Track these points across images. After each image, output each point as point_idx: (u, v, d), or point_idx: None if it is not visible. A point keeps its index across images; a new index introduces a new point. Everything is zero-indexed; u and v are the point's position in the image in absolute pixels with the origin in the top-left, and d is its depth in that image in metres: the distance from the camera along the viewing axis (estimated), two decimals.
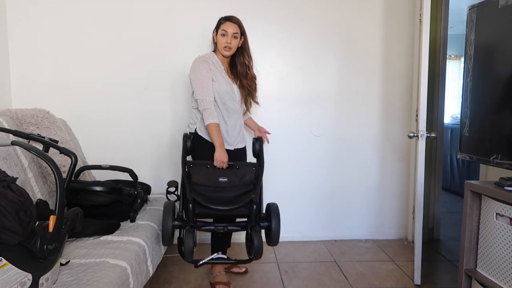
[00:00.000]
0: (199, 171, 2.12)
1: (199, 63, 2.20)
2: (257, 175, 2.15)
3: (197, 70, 2.18)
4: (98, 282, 1.36)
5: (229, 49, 2.21)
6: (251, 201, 2.03)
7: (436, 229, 3.11)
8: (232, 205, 2.02)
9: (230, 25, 2.20)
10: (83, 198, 1.99)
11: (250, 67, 2.33)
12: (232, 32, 2.19)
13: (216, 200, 2.05)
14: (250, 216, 2.06)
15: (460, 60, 6.51)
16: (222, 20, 2.24)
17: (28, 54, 2.77)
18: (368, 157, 3.06)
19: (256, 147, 2.28)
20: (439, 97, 2.99)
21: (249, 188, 2.12)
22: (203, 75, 2.17)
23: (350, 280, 2.39)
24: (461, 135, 2.00)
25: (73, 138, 2.62)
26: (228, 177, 2.11)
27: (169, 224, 2.00)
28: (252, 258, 2.03)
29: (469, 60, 1.96)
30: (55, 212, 1.22)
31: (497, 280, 1.71)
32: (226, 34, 2.19)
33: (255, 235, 1.99)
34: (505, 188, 1.64)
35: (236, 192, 2.10)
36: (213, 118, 2.15)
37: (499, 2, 1.77)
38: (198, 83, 2.17)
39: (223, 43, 2.19)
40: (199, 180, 2.10)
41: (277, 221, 2.09)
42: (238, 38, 2.22)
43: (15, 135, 1.67)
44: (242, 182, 2.12)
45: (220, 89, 2.21)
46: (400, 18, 2.97)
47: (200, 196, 2.04)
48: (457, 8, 3.96)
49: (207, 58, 2.23)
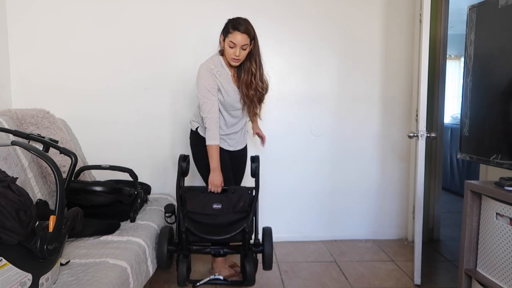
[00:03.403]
0: (193, 197, 2.12)
1: (205, 75, 2.09)
2: (252, 201, 2.13)
3: (202, 84, 2.09)
4: (98, 282, 1.36)
5: (237, 60, 2.09)
6: (243, 230, 2.02)
7: (436, 229, 3.11)
8: (225, 234, 2.03)
9: (239, 36, 2.02)
10: (83, 198, 1.99)
11: (256, 75, 2.15)
12: (241, 44, 2.03)
13: (210, 228, 2.06)
14: (243, 244, 2.08)
15: (460, 60, 6.51)
16: (230, 27, 2.05)
17: (28, 54, 2.77)
18: (368, 157, 3.06)
19: (253, 168, 2.24)
20: (439, 97, 2.99)
21: (243, 215, 2.11)
22: (208, 91, 2.08)
23: (350, 280, 2.39)
24: (461, 135, 2.00)
25: (73, 138, 2.62)
26: (222, 203, 2.11)
27: (164, 248, 1.99)
28: (245, 284, 2.08)
29: (469, 60, 1.96)
30: (55, 212, 1.22)
31: (497, 280, 1.70)
32: (234, 47, 2.05)
33: (248, 264, 2.05)
34: (505, 188, 1.64)
35: (230, 218, 2.10)
36: (214, 139, 2.10)
37: (499, 2, 1.77)
38: (203, 98, 2.10)
39: (231, 54, 2.07)
40: (193, 208, 2.10)
41: (270, 247, 2.10)
42: (247, 48, 2.08)
43: (15, 135, 1.67)
44: (236, 210, 2.12)
45: (225, 100, 2.15)
46: (400, 18, 2.97)
47: (194, 224, 2.04)
48: (457, 8, 3.96)
49: (213, 67, 2.11)
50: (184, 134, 2.86)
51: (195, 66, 2.17)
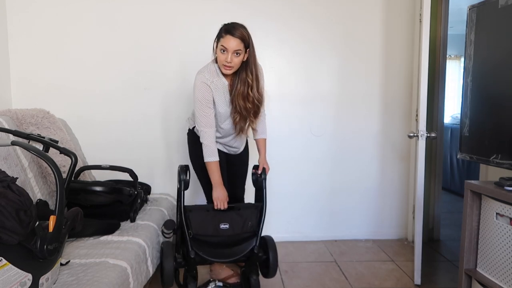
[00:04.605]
0: (198, 217, 1.98)
1: (199, 87, 1.98)
2: (259, 219, 2.03)
3: (197, 96, 1.99)
4: (98, 282, 1.36)
5: (229, 68, 1.93)
6: (252, 250, 1.96)
7: (436, 229, 3.11)
8: (233, 256, 1.95)
9: (231, 40, 1.87)
10: (83, 198, 1.99)
11: (253, 87, 2.00)
12: (233, 48, 1.88)
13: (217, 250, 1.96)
14: (250, 261, 2.03)
15: (460, 60, 6.51)
16: (223, 31, 1.92)
17: (28, 54, 2.77)
18: (368, 157, 3.06)
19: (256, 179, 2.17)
20: (439, 97, 2.99)
21: (250, 234, 2.02)
22: (203, 104, 1.98)
23: (350, 280, 2.39)
24: (461, 135, 2.00)
25: (73, 138, 2.62)
26: (229, 222, 1.99)
27: (170, 267, 1.90)
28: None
29: (469, 60, 1.96)
30: (55, 212, 1.22)
31: (497, 280, 1.70)
32: (226, 51, 1.89)
33: (252, 277, 2.00)
34: (505, 188, 1.64)
35: (238, 238, 2.00)
36: (212, 156, 2.00)
37: (499, 2, 1.77)
38: (199, 110, 2.00)
39: (222, 61, 1.91)
40: (199, 231, 1.96)
41: (275, 257, 2.04)
42: (241, 54, 1.92)
43: (15, 135, 1.67)
44: (244, 230, 2.01)
45: (218, 112, 2.06)
46: (400, 18, 2.97)
47: (201, 247, 1.93)
48: (457, 8, 3.96)
49: (207, 77, 1.99)
50: (185, 134, 2.86)
51: (195, 66, 2.16)
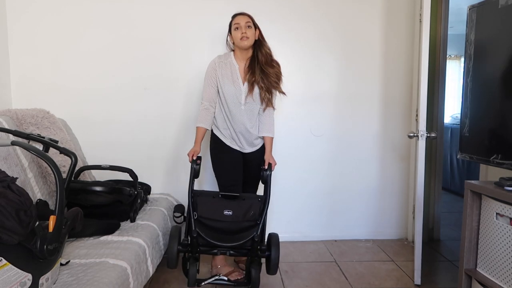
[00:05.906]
0: (204, 202, 2.16)
1: (208, 67, 2.33)
2: (262, 210, 2.15)
3: (206, 74, 2.33)
4: (98, 282, 1.36)
5: (246, 38, 2.21)
6: (252, 238, 2.04)
7: (436, 229, 3.11)
8: (234, 241, 2.06)
9: (241, 17, 2.24)
10: (83, 198, 1.99)
11: (272, 56, 2.35)
12: (244, 22, 2.22)
13: (220, 234, 2.08)
14: (251, 252, 2.08)
15: (460, 60, 6.51)
16: (232, 17, 2.29)
17: (28, 54, 2.77)
18: (368, 157, 3.06)
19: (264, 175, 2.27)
20: (439, 97, 2.99)
21: (253, 224, 2.13)
22: (206, 81, 2.31)
23: (350, 280, 2.39)
24: (461, 135, 2.00)
25: (73, 138, 2.62)
26: (233, 209, 2.14)
27: (174, 249, 2.03)
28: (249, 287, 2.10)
29: (469, 60, 1.96)
30: (55, 212, 1.22)
31: (497, 280, 1.71)
32: (239, 27, 2.23)
33: (254, 270, 2.06)
34: (505, 188, 1.65)
35: (240, 226, 2.13)
36: (200, 122, 2.30)
37: (499, 2, 1.77)
38: (204, 86, 2.35)
39: (239, 35, 2.22)
40: (204, 213, 2.13)
41: (277, 253, 2.11)
42: (252, 27, 2.25)
43: (15, 135, 1.67)
44: (246, 218, 2.15)
45: (226, 92, 2.26)
46: (400, 18, 2.97)
47: (204, 229, 2.07)
48: (457, 8, 3.96)
49: (216, 60, 2.31)
50: (185, 134, 2.87)
51: (195, 66, 2.18)
